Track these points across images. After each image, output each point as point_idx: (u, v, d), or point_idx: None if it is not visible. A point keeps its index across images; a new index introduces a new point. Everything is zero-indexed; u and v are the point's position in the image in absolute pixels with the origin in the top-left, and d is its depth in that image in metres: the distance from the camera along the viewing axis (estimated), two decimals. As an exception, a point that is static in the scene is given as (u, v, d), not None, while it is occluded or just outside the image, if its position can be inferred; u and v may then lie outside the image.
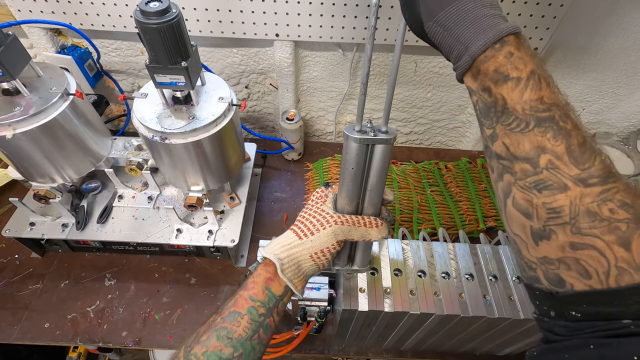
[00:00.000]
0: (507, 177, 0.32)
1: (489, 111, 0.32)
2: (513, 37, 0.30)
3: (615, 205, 0.27)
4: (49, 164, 0.68)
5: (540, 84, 0.29)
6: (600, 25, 0.79)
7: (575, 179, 0.28)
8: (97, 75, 0.93)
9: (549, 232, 0.29)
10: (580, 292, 0.28)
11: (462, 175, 1.00)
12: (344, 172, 0.45)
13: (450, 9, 0.31)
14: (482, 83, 0.32)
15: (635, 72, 0.88)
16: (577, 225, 0.28)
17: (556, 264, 0.29)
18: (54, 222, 0.76)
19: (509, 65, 0.30)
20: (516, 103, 0.30)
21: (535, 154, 0.29)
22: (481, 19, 0.31)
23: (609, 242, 0.27)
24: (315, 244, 0.45)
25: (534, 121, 0.29)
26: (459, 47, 0.32)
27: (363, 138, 0.41)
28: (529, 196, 0.30)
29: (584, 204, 0.28)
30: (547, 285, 0.31)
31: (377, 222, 0.47)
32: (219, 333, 0.40)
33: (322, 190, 0.51)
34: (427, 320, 0.57)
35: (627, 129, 1.02)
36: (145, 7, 0.51)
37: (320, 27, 0.79)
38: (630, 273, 0.26)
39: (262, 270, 0.44)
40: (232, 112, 0.66)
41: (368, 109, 1.03)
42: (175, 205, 0.78)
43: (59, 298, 0.76)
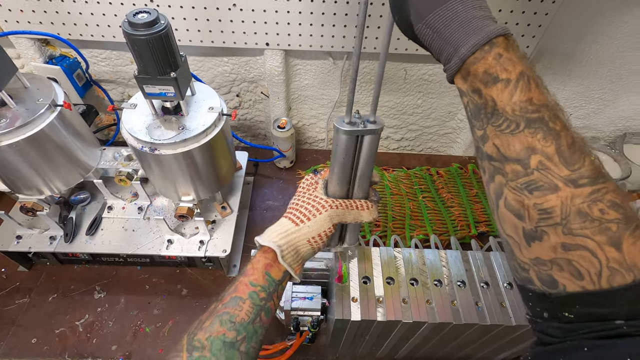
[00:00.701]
0: (498, 178, 0.32)
1: (479, 112, 0.32)
2: (502, 38, 0.30)
3: (605, 205, 0.27)
4: (36, 176, 0.67)
5: (530, 85, 0.30)
6: (585, 33, 0.81)
7: (565, 179, 0.28)
8: (86, 85, 0.92)
9: (541, 233, 0.29)
10: (573, 293, 0.28)
11: (453, 181, 1.01)
12: (334, 162, 0.47)
13: (439, 11, 0.32)
14: (472, 84, 0.32)
15: (620, 78, 0.90)
16: (568, 225, 0.28)
17: (548, 265, 0.29)
18: (41, 235, 0.75)
19: (498, 67, 0.30)
20: (506, 104, 0.30)
21: (525, 154, 0.29)
22: (470, 21, 0.31)
23: (600, 242, 0.27)
24: (312, 229, 0.47)
25: (524, 122, 0.29)
26: (448, 49, 0.32)
27: (352, 130, 0.43)
28: (520, 197, 0.30)
29: (574, 204, 0.28)
30: (540, 287, 0.31)
31: (367, 205, 0.50)
32: (222, 318, 0.41)
33: (312, 177, 0.52)
34: (420, 329, 0.57)
35: (613, 133, 1.04)
36: (133, 19, 0.51)
37: (310, 36, 0.79)
38: (622, 273, 0.26)
39: (261, 257, 0.45)
40: (222, 121, 0.66)
41: (359, 116, 1.04)
42: (165, 215, 0.77)
43: (46, 312, 0.75)
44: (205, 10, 0.75)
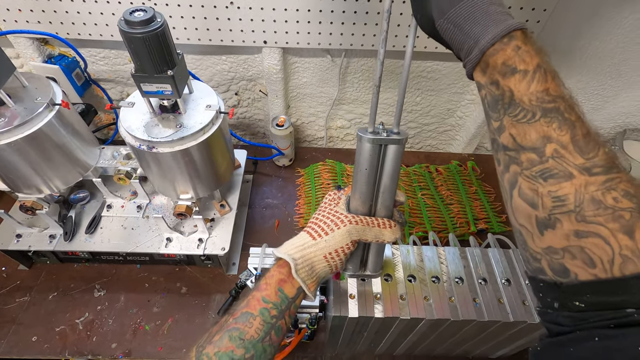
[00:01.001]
0: (513, 167, 0.32)
1: (496, 104, 0.33)
2: (520, 32, 0.31)
3: (619, 194, 0.28)
4: (36, 175, 0.67)
5: (546, 76, 0.30)
6: (584, 29, 0.80)
7: (580, 167, 0.29)
8: (85, 84, 0.92)
9: (554, 221, 0.30)
10: (585, 281, 0.28)
11: (452, 178, 1.00)
12: (357, 174, 0.46)
13: (460, 6, 0.33)
14: (491, 76, 0.33)
15: (619, 74, 0.89)
16: (581, 213, 0.28)
17: (561, 254, 0.30)
18: (41, 234, 0.76)
19: (517, 58, 0.31)
20: (523, 94, 0.31)
21: (541, 143, 0.30)
22: (489, 15, 0.32)
23: (613, 229, 0.27)
24: (329, 244, 0.45)
25: (540, 112, 0.30)
26: (469, 42, 0.33)
27: (376, 138, 0.42)
28: (534, 185, 0.31)
29: (588, 192, 0.28)
30: (551, 276, 0.31)
31: (390, 224, 0.48)
32: (231, 334, 0.40)
33: (335, 192, 0.51)
34: (417, 325, 0.57)
35: (613, 129, 1.04)
36: (130, 17, 0.51)
37: (308, 33, 0.79)
38: (634, 261, 0.26)
39: (276, 271, 0.45)
40: (220, 119, 0.66)
41: (358, 114, 1.04)
42: (164, 214, 0.77)
43: (47, 310, 0.75)
44: (203, 8, 0.75)
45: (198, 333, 0.74)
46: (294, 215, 0.93)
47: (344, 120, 1.06)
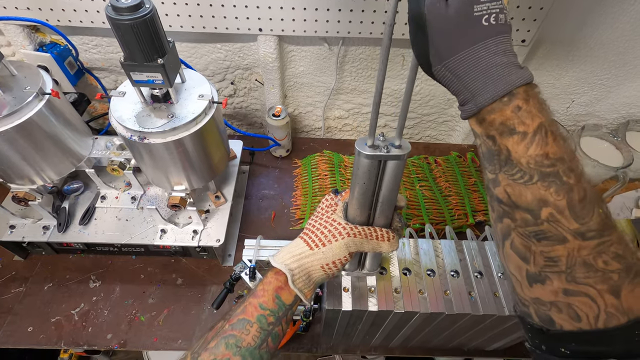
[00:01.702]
0: (507, 221, 0.32)
1: (492, 157, 0.32)
2: (523, 88, 0.29)
3: (609, 257, 0.29)
4: (27, 165, 0.67)
5: (547, 138, 0.29)
6: (588, 16, 0.78)
7: (574, 232, 0.29)
8: (79, 73, 0.91)
9: (544, 277, 0.31)
10: (569, 331, 0.30)
11: (451, 170, 0.99)
12: (354, 186, 0.43)
13: (460, 55, 0.30)
14: (487, 131, 0.31)
15: (624, 63, 0.87)
16: (572, 274, 0.29)
17: (548, 306, 0.31)
18: (34, 225, 0.75)
19: (516, 120, 0.29)
20: (521, 156, 0.30)
21: (537, 206, 0.30)
22: (492, 68, 0.30)
23: (601, 290, 0.29)
24: (327, 255, 0.44)
25: (538, 175, 0.29)
26: (465, 93, 0.31)
27: (375, 155, 0.39)
28: (527, 243, 0.31)
29: (581, 255, 0.29)
30: (538, 322, 0.32)
31: (389, 236, 0.47)
32: (228, 341, 0.40)
33: (332, 197, 0.50)
34: (412, 319, 0.56)
35: (616, 120, 1.02)
36: (117, 3, 0.49)
37: (304, 21, 0.77)
38: (618, 317, 0.28)
39: (273, 278, 0.44)
40: (213, 109, 0.64)
41: (357, 104, 1.02)
42: (158, 205, 0.77)
43: (42, 301, 0.75)
44: (196, -6, 0.73)
45: (193, 324, 0.74)
46: (290, 207, 0.92)
47: (342, 111, 1.04)
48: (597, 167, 0.89)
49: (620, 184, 0.91)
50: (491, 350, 0.74)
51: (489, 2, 0.29)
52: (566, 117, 1.03)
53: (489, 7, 0.29)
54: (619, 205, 0.95)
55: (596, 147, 0.95)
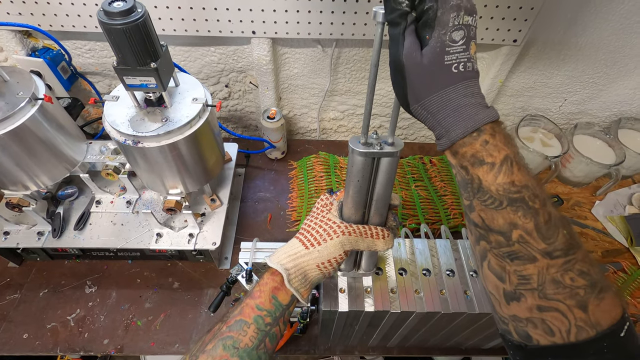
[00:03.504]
0: (483, 243, 0.35)
1: (466, 185, 0.35)
2: (489, 125, 0.33)
3: (575, 274, 0.32)
4: (20, 171, 0.66)
5: (512, 168, 0.33)
6: (578, 16, 0.79)
7: (542, 252, 0.32)
8: (72, 78, 0.90)
9: (519, 295, 0.33)
10: (545, 346, 0.33)
11: (446, 170, 1.00)
12: (349, 184, 0.44)
13: (434, 96, 0.34)
14: (460, 162, 0.35)
15: (615, 62, 0.88)
16: (543, 291, 0.32)
17: (524, 322, 0.34)
18: (29, 231, 0.75)
19: (484, 152, 0.33)
20: (491, 184, 0.33)
21: (507, 229, 0.33)
22: (462, 108, 0.33)
23: (570, 305, 0.31)
24: (322, 254, 0.45)
25: (507, 201, 0.33)
26: (440, 129, 0.35)
27: (369, 152, 0.40)
28: (502, 263, 0.34)
29: (549, 273, 0.32)
30: (517, 339, 0.35)
31: (384, 234, 0.47)
32: (225, 342, 0.40)
33: (327, 197, 0.50)
34: (408, 318, 0.57)
35: (608, 118, 1.03)
36: (109, 8, 0.49)
37: (297, 23, 0.77)
38: (587, 330, 0.31)
39: (269, 279, 0.44)
40: (207, 113, 0.64)
41: (351, 105, 1.02)
42: (154, 209, 0.76)
43: (38, 308, 0.75)
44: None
45: (190, 328, 0.74)
46: (286, 209, 0.92)
47: (336, 112, 1.05)
48: (590, 164, 0.90)
49: (613, 181, 0.92)
50: (488, 349, 0.74)
51: (457, 53, 0.32)
52: (559, 116, 1.04)
53: (458, 57, 0.33)
54: (612, 202, 0.96)
55: (589, 145, 0.96)
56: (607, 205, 0.95)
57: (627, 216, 0.92)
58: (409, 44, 0.33)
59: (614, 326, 0.31)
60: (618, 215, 0.93)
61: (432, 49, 0.32)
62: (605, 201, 0.96)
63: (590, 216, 0.94)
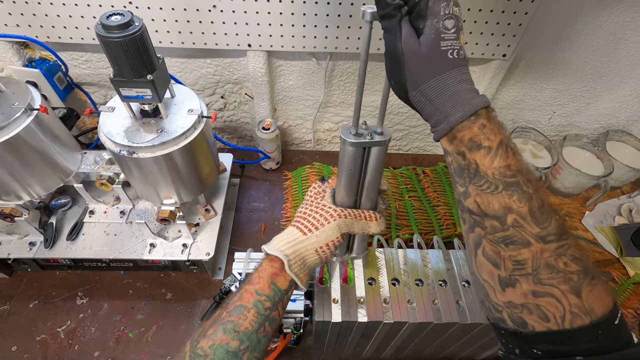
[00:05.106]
0: (477, 230, 0.36)
1: (462, 172, 0.36)
2: (485, 110, 0.34)
3: (568, 259, 0.32)
4: (14, 181, 0.66)
5: (507, 153, 0.34)
6: (565, 32, 0.82)
7: (536, 236, 0.33)
8: (68, 88, 0.91)
9: (514, 281, 0.34)
10: (541, 332, 0.33)
11: (439, 180, 1.01)
12: (341, 173, 0.46)
13: (432, 82, 0.35)
14: (457, 147, 0.35)
15: (601, 76, 0.91)
16: (538, 276, 0.32)
17: (520, 309, 0.34)
18: (20, 241, 0.74)
19: (482, 136, 0.34)
20: (487, 168, 0.34)
21: (502, 213, 0.33)
22: (459, 93, 0.34)
23: (564, 290, 0.32)
24: (320, 239, 0.47)
25: (502, 185, 0.33)
26: (438, 115, 0.35)
27: (360, 142, 0.42)
28: (497, 249, 0.34)
29: (543, 257, 0.32)
30: (511, 326, 0.35)
31: (376, 216, 0.50)
32: (226, 326, 0.41)
33: (319, 185, 0.52)
34: (401, 329, 0.57)
35: (596, 130, 1.05)
36: (107, 21, 0.50)
37: (292, 37, 0.79)
38: (581, 317, 0.31)
39: (268, 265, 0.45)
40: (202, 124, 0.65)
41: (346, 117, 1.03)
42: (147, 219, 0.76)
43: (27, 319, 0.74)
44: (185, 11, 0.74)
45: (183, 339, 0.72)
46: (280, 219, 0.93)
47: (331, 123, 1.06)
48: (579, 176, 0.91)
49: (602, 192, 0.94)
50: (482, 359, 0.74)
51: (451, 40, 0.34)
52: (549, 128, 1.06)
53: (452, 44, 0.34)
54: (602, 213, 0.98)
55: (578, 157, 0.98)
56: (597, 216, 0.97)
57: (617, 227, 0.94)
58: (407, 32, 0.34)
59: (609, 314, 0.31)
60: (608, 226, 0.94)
61: (428, 36, 0.34)
62: (595, 212, 0.97)
63: (580, 227, 0.95)
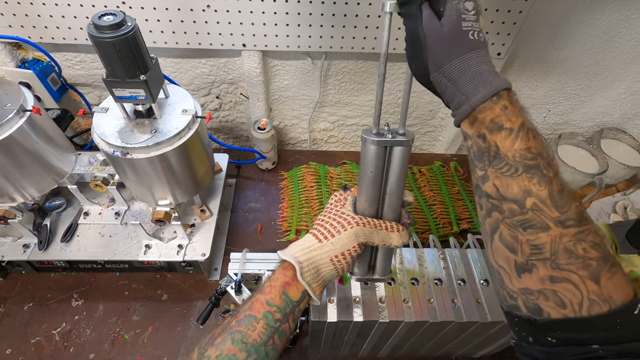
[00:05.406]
0: (495, 214, 0.35)
1: (482, 155, 0.35)
2: (507, 92, 0.34)
3: (588, 245, 0.31)
4: (7, 182, 0.66)
5: (529, 135, 0.33)
6: (560, 30, 0.82)
7: (555, 220, 0.32)
8: (62, 89, 0.90)
9: (531, 266, 0.33)
10: (556, 319, 0.32)
11: (435, 179, 1.01)
12: (362, 177, 0.44)
13: (455, 62, 0.35)
14: (478, 130, 0.35)
15: (595, 75, 0.91)
16: (556, 261, 0.32)
17: (536, 295, 0.33)
18: (14, 243, 0.74)
19: (504, 117, 0.33)
20: (508, 150, 0.33)
21: (522, 196, 0.33)
22: (481, 74, 0.34)
23: (583, 276, 0.31)
24: (335, 246, 0.44)
25: (522, 167, 0.33)
26: (460, 96, 0.35)
27: (381, 140, 0.41)
28: (514, 233, 0.34)
29: (562, 242, 0.32)
30: (526, 313, 0.34)
31: (398, 227, 0.46)
32: (234, 337, 0.40)
33: (341, 193, 0.50)
34: (397, 328, 0.57)
35: (591, 128, 1.06)
36: (99, 21, 0.50)
37: (287, 36, 0.79)
38: (599, 304, 0.30)
39: (280, 274, 0.44)
40: (196, 124, 0.65)
41: (341, 116, 1.04)
42: (142, 220, 0.76)
43: (22, 322, 0.73)
44: (179, 11, 0.74)
45: (179, 341, 0.73)
46: (277, 219, 0.92)
47: (327, 123, 1.06)
48: (574, 173, 0.92)
49: (596, 189, 0.94)
50: (478, 358, 0.74)
51: (472, 22, 0.34)
52: (544, 126, 1.06)
53: (473, 25, 0.35)
54: (597, 211, 0.98)
55: (573, 155, 0.99)
56: (592, 214, 0.97)
57: (612, 224, 0.94)
58: (427, 15, 0.35)
59: (629, 303, 0.30)
60: (603, 223, 0.94)
61: (449, 17, 0.34)
62: (590, 210, 0.98)
63: (576, 224, 0.95)
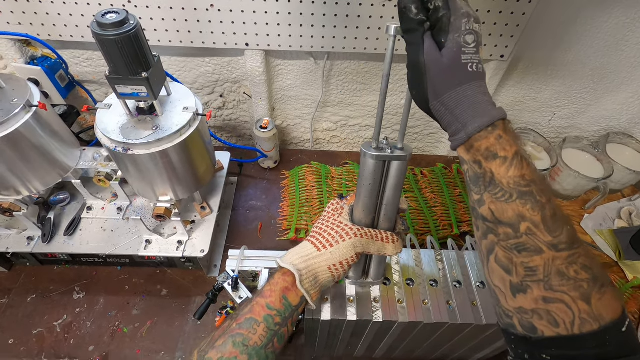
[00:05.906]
0: (491, 237, 0.37)
1: (478, 180, 0.37)
2: (502, 122, 0.35)
3: (579, 267, 0.33)
4: (13, 176, 0.67)
5: (522, 163, 0.35)
6: (565, 33, 0.81)
7: (548, 244, 0.34)
8: (69, 86, 0.92)
9: (526, 287, 0.34)
10: (550, 337, 0.33)
11: (437, 181, 1.01)
12: (360, 187, 0.46)
13: (453, 92, 0.36)
14: (474, 156, 0.37)
15: (602, 78, 0.90)
16: (549, 282, 0.33)
17: (530, 314, 0.35)
18: (19, 235, 0.75)
19: (498, 146, 0.35)
20: (502, 177, 0.35)
21: (516, 220, 0.35)
22: (478, 104, 0.36)
23: (574, 297, 0.33)
24: (334, 256, 0.46)
25: (517, 194, 0.34)
26: (457, 124, 0.37)
27: (380, 155, 0.43)
28: (510, 255, 0.35)
29: (555, 265, 0.33)
30: (521, 332, 0.36)
31: (393, 238, 0.49)
32: (235, 339, 0.41)
33: (338, 202, 0.52)
34: (391, 328, 0.57)
35: (597, 133, 1.04)
36: (102, 19, 0.51)
37: (289, 36, 0.79)
38: (590, 322, 0.32)
39: (280, 279, 0.45)
40: (197, 121, 0.66)
41: (344, 117, 1.04)
42: (143, 215, 0.77)
43: (25, 313, 0.75)
44: (183, 10, 0.75)
45: (177, 336, 0.74)
46: (277, 218, 0.93)
47: (329, 123, 1.06)
48: (578, 178, 0.91)
49: (601, 194, 0.93)
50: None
51: (471, 54, 0.36)
52: (549, 130, 1.05)
53: (472, 58, 0.36)
54: (601, 216, 0.97)
55: (578, 159, 0.97)
56: (597, 219, 0.96)
57: (616, 230, 0.93)
58: (429, 45, 0.36)
59: (616, 321, 0.32)
60: (607, 229, 0.93)
61: (450, 50, 0.35)
62: (595, 215, 0.96)
63: (579, 229, 0.94)
